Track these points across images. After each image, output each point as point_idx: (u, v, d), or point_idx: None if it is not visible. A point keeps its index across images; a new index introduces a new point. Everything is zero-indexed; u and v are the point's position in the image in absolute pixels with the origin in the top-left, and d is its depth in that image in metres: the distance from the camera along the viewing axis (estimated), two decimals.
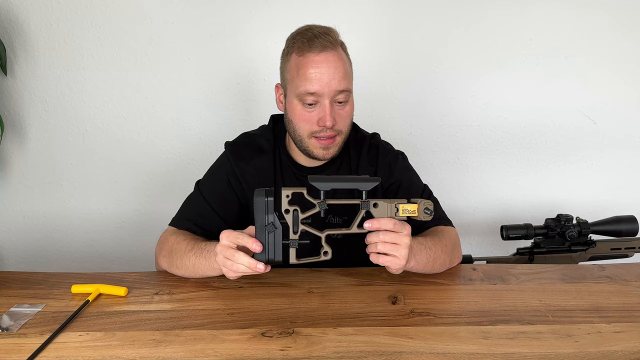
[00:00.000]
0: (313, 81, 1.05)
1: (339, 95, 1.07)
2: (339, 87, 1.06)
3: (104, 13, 1.67)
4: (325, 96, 1.06)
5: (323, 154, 1.11)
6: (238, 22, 1.70)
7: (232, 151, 1.20)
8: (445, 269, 1.12)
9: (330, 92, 1.06)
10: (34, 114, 1.76)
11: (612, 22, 1.73)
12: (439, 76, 1.77)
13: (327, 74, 1.05)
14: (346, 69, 1.08)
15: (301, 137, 1.11)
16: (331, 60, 1.06)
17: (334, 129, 1.08)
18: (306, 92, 1.06)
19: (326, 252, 0.92)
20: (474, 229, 1.93)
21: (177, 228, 1.16)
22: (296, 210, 0.91)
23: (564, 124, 1.83)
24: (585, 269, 1.14)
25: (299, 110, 1.09)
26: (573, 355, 0.82)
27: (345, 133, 1.13)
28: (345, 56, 1.10)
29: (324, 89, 1.05)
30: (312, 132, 1.09)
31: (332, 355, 0.82)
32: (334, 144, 1.11)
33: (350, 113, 1.12)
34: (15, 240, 1.88)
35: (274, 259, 0.90)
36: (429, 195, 1.22)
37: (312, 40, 1.06)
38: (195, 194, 1.20)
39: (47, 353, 0.83)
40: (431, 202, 0.92)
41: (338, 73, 1.06)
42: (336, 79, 1.05)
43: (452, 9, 1.71)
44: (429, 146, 1.84)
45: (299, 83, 1.06)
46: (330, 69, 1.05)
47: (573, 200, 1.90)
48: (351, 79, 1.11)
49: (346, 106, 1.10)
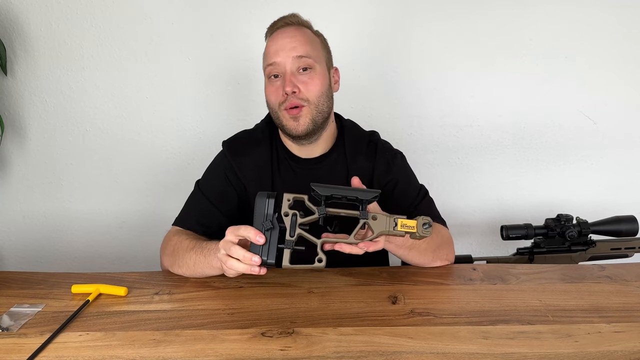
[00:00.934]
0: (272, 53, 1.12)
1: (298, 62, 1.09)
2: (295, 52, 1.09)
3: (104, 13, 1.67)
4: (285, 65, 1.10)
5: (294, 126, 1.11)
6: (238, 22, 1.70)
7: (229, 147, 1.22)
8: (427, 262, 1.12)
9: (287, 59, 1.09)
10: (34, 114, 1.76)
11: (612, 22, 1.73)
12: (439, 76, 1.77)
13: (282, 43, 1.10)
14: (306, 38, 1.12)
15: (275, 112, 1.14)
16: (288, 31, 1.12)
17: (297, 96, 1.09)
18: (267, 64, 1.12)
19: (320, 259, 0.90)
20: (474, 229, 1.93)
21: (180, 227, 1.18)
22: (295, 215, 0.91)
23: (564, 124, 1.83)
24: (585, 269, 1.14)
25: (268, 86, 1.14)
26: (573, 355, 0.82)
27: (316, 105, 1.11)
28: (311, 34, 1.15)
29: (281, 58, 1.10)
30: (279, 104, 1.12)
31: (332, 355, 0.82)
32: (302, 114, 1.10)
33: (319, 84, 1.12)
34: (15, 240, 1.88)
35: (267, 260, 0.90)
36: (424, 194, 1.22)
37: (276, 22, 1.16)
38: (196, 192, 1.22)
39: (47, 353, 0.83)
40: (429, 218, 0.91)
41: (294, 41, 1.10)
42: (291, 45, 1.09)
43: (452, 9, 1.70)
44: (429, 146, 1.84)
45: (264, 60, 1.15)
46: (287, 38, 1.11)
47: (573, 200, 1.90)
48: (316, 50, 1.13)
49: (313, 76, 1.11)
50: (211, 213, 1.17)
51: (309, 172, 1.19)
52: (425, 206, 1.20)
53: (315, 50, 1.13)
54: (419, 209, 1.18)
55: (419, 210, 1.18)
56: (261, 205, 0.91)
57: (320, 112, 1.13)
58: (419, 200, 1.19)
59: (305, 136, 1.13)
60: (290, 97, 1.09)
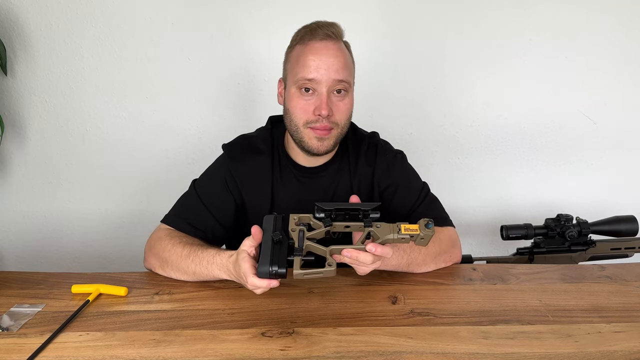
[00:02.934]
0: (312, 68, 1.05)
1: (337, 85, 1.07)
2: (337, 76, 1.06)
3: (104, 13, 1.67)
4: (323, 84, 1.06)
5: (317, 146, 1.10)
6: (238, 22, 1.70)
7: (229, 153, 1.20)
8: (431, 269, 1.12)
9: (328, 81, 1.05)
10: (34, 114, 1.76)
11: (612, 22, 1.73)
12: (439, 76, 1.77)
13: (326, 62, 1.05)
14: (346, 61, 1.08)
15: (297, 127, 1.10)
16: (332, 48, 1.06)
17: (330, 119, 1.07)
18: (304, 78, 1.06)
19: (330, 264, 0.89)
20: (474, 229, 1.93)
21: (169, 226, 1.15)
22: (302, 230, 0.92)
23: (564, 124, 1.83)
24: (585, 269, 1.14)
25: (297, 98, 1.09)
26: (573, 355, 0.82)
27: (342, 127, 1.11)
28: (347, 51, 1.10)
29: (322, 76, 1.05)
30: (307, 122, 1.08)
31: (332, 355, 0.82)
32: (329, 137, 1.09)
33: (348, 108, 1.11)
34: (15, 240, 1.88)
35: (277, 270, 0.88)
36: (426, 193, 1.21)
37: (315, 30, 1.07)
38: (191, 192, 1.19)
39: (47, 353, 0.83)
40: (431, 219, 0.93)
41: (337, 62, 1.06)
42: (335, 68, 1.05)
43: (452, 9, 1.70)
44: (429, 146, 1.84)
45: (299, 70, 1.07)
46: (330, 57, 1.05)
47: (573, 200, 1.90)
48: (352, 74, 1.11)
49: (345, 99, 1.09)
50: (205, 217, 1.15)
51: (313, 181, 1.18)
52: (427, 206, 1.19)
53: (351, 73, 1.11)
54: (420, 209, 1.18)
55: (421, 210, 1.18)
56: (269, 223, 0.93)
57: (342, 134, 1.13)
58: (420, 201, 1.19)
59: (324, 154, 1.14)
60: (323, 120, 1.07)
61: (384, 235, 0.92)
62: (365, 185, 1.19)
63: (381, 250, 0.90)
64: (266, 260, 0.89)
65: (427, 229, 0.91)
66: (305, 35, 1.08)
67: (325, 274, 0.88)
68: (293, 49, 1.11)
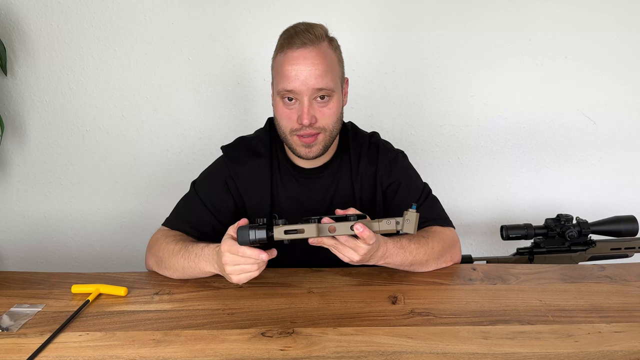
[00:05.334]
0: (290, 78, 1.04)
1: (317, 92, 1.05)
2: (316, 84, 1.04)
3: (104, 13, 1.67)
4: (304, 94, 1.04)
5: (305, 152, 1.10)
6: (238, 22, 1.70)
7: (228, 154, 1.20)
8: (431, 269, 1.12)
9: (307, 90, 1.04)
10: (34, 114, 1.76)
11: (612, 22, 1.73)
12: (439, 76, 1.77)
13: (303, 71, 1.03)
14: (327, 66, 1.05)
15: (284, 134, 1.10)
16: (309, 57, 1.03)
17: (314, 126, 1.07)
18: (284, 89, 1.05)
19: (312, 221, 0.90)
20: (474, 229, 1.93)
21: (170, 229, 1.16)
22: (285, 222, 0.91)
23: (564, 124, 1.83)
24: (585, 269, 1.14)
25: (280, 107, 1.08)
26: (573, 355, 0.82)
27: (331, 131, 1.10)
28: (330, 52, 1.07)
29: (300, 86, 1.04)
30: (292, 129, 1.08)
31: (332, 355, 0.82)
32: (317, 142, 1.09)
33: (334, 111, 1.09)
34: (15, 240, 1.88)
35: (256, 236, 0.89)
36: (427, 194, 1.22)
37: (292, 37, 1.05)
38: (191, 194, 1.20)
39: (47, 353, 0.83)
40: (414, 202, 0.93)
41: (316, 70, 1.03)
42: (313, 76, 1.03)
43: (451, 9, 1.70)
44: (429, 146, 1.84)
45: (279, 80, 1.06)
46: (307, 65, 1.03)
47: (573, 200, 1.90)
48: (336, 76, 1.08)
49: (329, 103, 1.07)
50: (206, 218, 1.15)
51: (313, 181, 1.18)
52: (427, 205, 1.20)
53: (334, 78, 1.07)
54: (421, 209, 1.17)
55: (421, 209, 1.17)
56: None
57: (332, 137, 1.12)
58: (422, 200, 1.19)
59: (314, 159, 1.13)
60: (306, 127, 1.06)
61: (369, 225, 0.92)
62: (368, 184, 1.19)
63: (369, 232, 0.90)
64: (245, 229, 0.89)
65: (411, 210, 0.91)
66: (284, 43, 1.06)
67: (307, 230, 0.89)
68: (276, 57, 1.09)
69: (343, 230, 0.90)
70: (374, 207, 1.20)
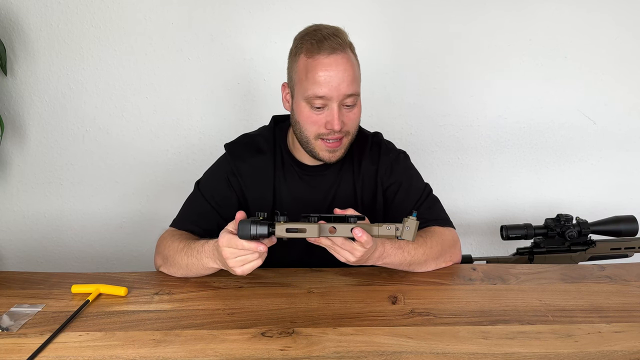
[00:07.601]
0: (322, 85, 1.03)
1: (347, 99, 1.05)
2: (347, 90, 1.04)
3: (104, 13, 1.67)
4: (334, 100, 1.04)
5: (329, 157, 1.11)
6: (238, 22, 1.70)
7: (231, 151, 1.20)
8: (431, 269, 1.12)
9: (339, 96, 1.04)
10: (34, 114, 1.76)
11: (612, 22, 1.73)
12: (439, 76, 1.77)
13: (336, 77, 1.03)
14: (355, 72, 1.07)
15: (307, 139, 1.10)
16: (340, 63, 1.04)
17: (341, 131, 1.07)
18: (315, 95, 1.04)
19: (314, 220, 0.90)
20: (474, 229, 1.93)
21: (177, 229, 1.17)
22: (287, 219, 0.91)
23: (564, 124, 1.83)
24: (585, 269, 1.14)
25: (307, 112, 1.07)
26: (573, 355, 0.82)
27: (352, 134, 1.12)
28: (354, 58, 1.08)
29: (332, 92, 1.03)
30: (318, 134, 1.08)
31: (332, 355, 0.82)
32: (341, 146, 1.10)
33: (358, 115, 1.11)
34: (15, 240, 1.88)
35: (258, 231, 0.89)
36: (428, 194, 1.22)
37: (321, 42, 1.04)
38: (195, 194, 1.21)
39: (47, 353, 0.83)
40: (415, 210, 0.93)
41: (347, 76, 1.04)
42: (345, 82, 1.04)
43: (452, 9, 1.71)
44: (429, 146, 1.84)
45: (308, 86, 1.05)
46: (339, 72, 1.03)
47: (573, 200, 1.90)
48: (359, 82, 1.10)
49: (354, 108, 1.09)
50: (211, 216, 1.16)
51: (316, 179, 1.19)
52: (428, 206, 1.19)
53: (359, 82, 1.09)
54: (422, 209, 1.18)
55: (422, 209, 1.17)
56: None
57: (353, 138, 1.13)
58: (422, 201, 1.19)
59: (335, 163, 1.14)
60: (334, 132, 1.07)
61: (369, 229, 0.92)
62: (369, 184, 1.20)
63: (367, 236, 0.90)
64: (247, 223, 0.89)
65: (411, 218, 0.91)
66: (312, 47, 1.04)
67: (309, 230, 0.88)
68: (298, 59, 1.07)
69: (343, 233, 0.91)
70: (375, 206, 1.20)
